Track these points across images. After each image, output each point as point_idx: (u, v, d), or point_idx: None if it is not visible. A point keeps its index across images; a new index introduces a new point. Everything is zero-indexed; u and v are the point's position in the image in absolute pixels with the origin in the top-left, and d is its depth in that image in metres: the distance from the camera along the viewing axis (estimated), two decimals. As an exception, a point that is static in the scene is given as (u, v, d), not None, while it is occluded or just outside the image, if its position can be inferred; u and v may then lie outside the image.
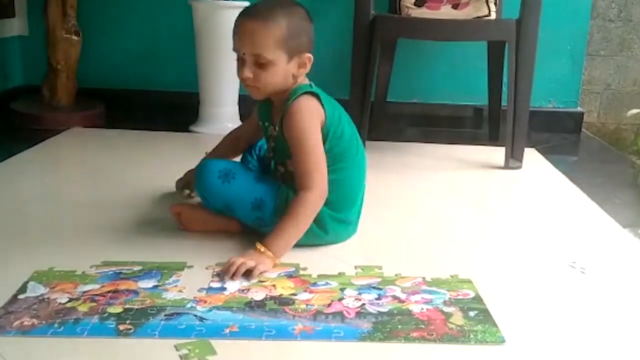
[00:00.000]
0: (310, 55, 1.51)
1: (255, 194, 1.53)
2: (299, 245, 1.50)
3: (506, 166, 2.34)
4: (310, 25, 1.52)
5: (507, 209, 1.98)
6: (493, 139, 2.72)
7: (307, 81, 1.56)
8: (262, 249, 1.42)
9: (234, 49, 1.50)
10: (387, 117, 2.87)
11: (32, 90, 2.87)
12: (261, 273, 1.39)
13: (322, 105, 1.52)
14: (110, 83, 2.99)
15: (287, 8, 1.48)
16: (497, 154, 2.43)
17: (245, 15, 1.48)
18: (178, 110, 2.87)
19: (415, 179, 2.20)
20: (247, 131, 1.76)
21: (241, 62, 1.48)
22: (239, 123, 2.70)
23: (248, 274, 1.39)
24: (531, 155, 2.50)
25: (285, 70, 1.48)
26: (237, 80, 1.72)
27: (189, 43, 2.68)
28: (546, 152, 2.60)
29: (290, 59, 1.48)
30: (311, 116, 1.50)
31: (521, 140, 2.35)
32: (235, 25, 1.49)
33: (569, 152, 2.74)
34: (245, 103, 2.70)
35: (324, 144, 1.51)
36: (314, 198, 1.48)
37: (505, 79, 2.52)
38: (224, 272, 1.39)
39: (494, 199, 2.12)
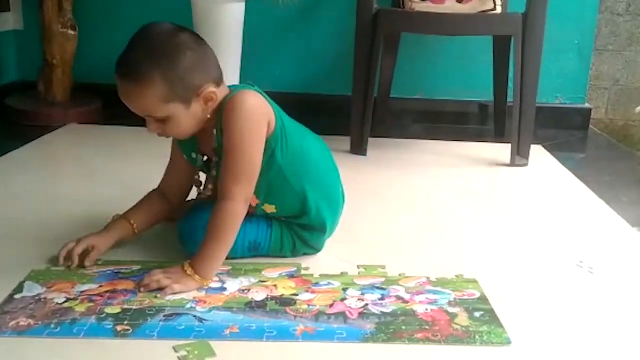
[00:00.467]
0: (212, 89, 1.32)
1: (247, 238, 1.43)
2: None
3: (512, 163, 2.34)
4: (197, 52, 1.30)
5: (513, 207, 1.98)
6: (499, 136, 2.72)
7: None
8: (189, 271, 1.32)
9: None
10: (390, 113, 2.87)
11: (27, 86, 2.86)
12: (175, 293, 1.30)
13: (268, 101, 1.37)
14: (107, 78, 2.85)
15: (156, 54, 1.27)
16: (502, 150, 2.42)
17: (117, 75, 1.30)
18: None
19: (419, 177, 2.20)
20: (176, 181, 1.50)
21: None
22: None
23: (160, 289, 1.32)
24: (537, 152, 2.49)
25: (191, 114, 1.32)
26: (238, 76, 1.68)
27: None
28: (553, 149, 2.59)
29: (188, 104, 1.30)
30: (254, 112, 1.32)
31: (527, 136, 2.34)
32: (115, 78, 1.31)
33: (576, 149, 2.74)
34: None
35: (275, 148, 1.36)
36: (236, 210, 1.33)
37: (511, 74, 2.53)
38: (137, 283, 1.34)
39: (499, 196, 2.12)
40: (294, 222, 1.46)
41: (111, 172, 2.11)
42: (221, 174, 1.34)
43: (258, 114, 1.34)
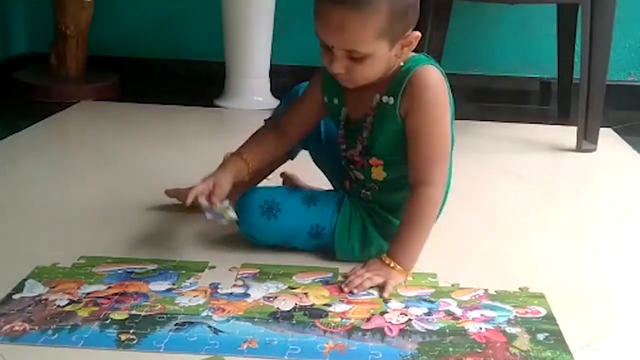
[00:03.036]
0: (417, 33, 1.34)
1: (309, 222, 1.45)
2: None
3: (578, 149, 2.32)
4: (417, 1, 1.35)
5: (584, 201, 1.94)
6: (563, 117, 2.70)
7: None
8: (391, 263, 1.37)
9: (317, 34, 1.33)
10: None
11: (38, 59, 2.90)
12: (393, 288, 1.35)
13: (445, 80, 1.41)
14: (125, 51, 3.04)
15: None
16: (567, 134, 2.40)
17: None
18: (202, 82, 2.89)
19: (473, 164, 2.16)
20: (301, 119, 1.52)
21: (330, 53, 1.33)
22: (270, 97, 2.66)
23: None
24: (607, 136, 2.46)
25: (387, 57, 1.34)
26: (269, 48, 1.65)
27: (215, 5, 2.67)
28: (625, 132, 2.57)
29: (393, 45, 1.32)
30: (445, 94, 1.38)
31: (596, 118, 2.32)
32: (318, 11, 1.31)
33: (651, 133, 2.73)
34: (277, 74, 2.66)
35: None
36: (437, 194, 1.39)
37: (577, 48, 2.49)
38: (345, 285, 1.35)
39: (567, 187, 2.09)
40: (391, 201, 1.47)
41: (129, 154, 2.12)
42: (412, 157, 1.38)
43: (446, 91, 1.39)
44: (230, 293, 1.32)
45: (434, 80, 1.36)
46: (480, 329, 1.24)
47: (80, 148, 2.31)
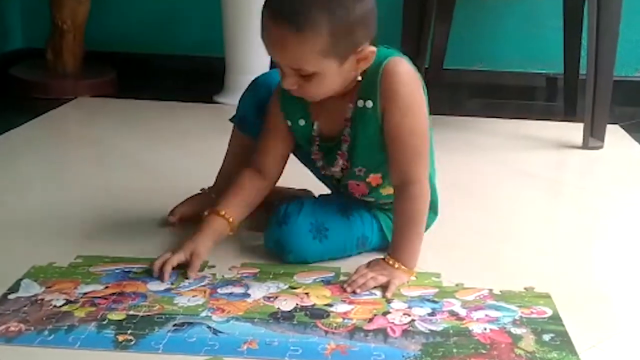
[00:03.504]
0: (372, 48, 1.31)
1: (355, 234, 1.47)
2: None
3: (585, 146, 2.31)
4: (366, 1, 1.29)
5: (590, 199, 1.93)
6: (569, 114, 2.69)
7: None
8: (395, 263, 1.37)
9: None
10: (444, 86, 2.84)
11: (34, 54, 2.89)
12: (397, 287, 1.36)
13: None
14: (123, 46, 3.03)
15: (334, 2, 1.24)
16: (574, 131, 2.40)
17: (273, 15, 1.26)
18: (200, 78, 2.89)
19: (478, 162, 2.17)
20: (275, 154, 1.48)
21: (280, 69, 1.32)
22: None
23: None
24: (614, 133, 2.47)
25: (340, 73, 1.31)
26: None
27: (214, 0, 2.66)
28: (632, 129, 2.56)
29: (343, 61, 1.29)
30: (420, 87, 1.37)
31: (603, 115, 2.32)
32: (262, 22, 1.29)
33: (660, 130, 2.72)
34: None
35: None
36: (423, 190, 1.39)
37: (584, 43, 2.49)
38: (348, 284, 1.35)
39: (573, 186, 2.08)
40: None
41: (127, 151, 2.11)
42: (395, 155, 1.37)
43: (420, 83, 1.38)
44: (230, 293, 1.32)
45: (407, 74, 1.34)
46: (485, 329, 1.24)
47: (78, 145, 2.31)
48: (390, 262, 1.38)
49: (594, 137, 2.30)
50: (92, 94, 2.67)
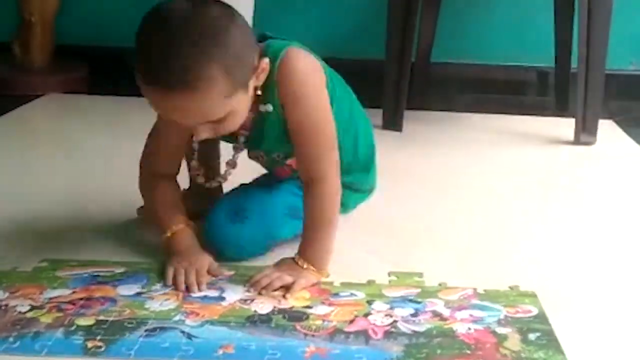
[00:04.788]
0: (265, 60, 1.29)
1: (281, 206, 1.47)
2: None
3: (577, 141, 2.32)
4: (235, 23, 1.24)
5: (580, 196, 1.94)
6: (561, 109, 2.70)
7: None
8: (304, 264, 1.37)
9: None
10: (431, 81, 2.85)
11: (0, 48, 2.86)
12: (303, 289, 1.35)
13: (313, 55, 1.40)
14: (95, 39, 3.00)
15: (201, 44, 1.17)
16: (565, 126, 2.40)
17: (159, 88, 1.19)
18: None
19: (466, 158, 2.17)
20: (174, 155, 1.49)
21: (184, 126, 1.31)
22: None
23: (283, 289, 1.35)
24: (607, 128, 2.47)
25: (248, 98, 1.29)
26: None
27: None
28: (626, 124, 2.56)
29: (246, 86, 1.27)
30: (315, 76, 1.36)
31: (595, 109, 2.32)
32: (144, 92, 1.22)
33: (653, 125, 2.74)
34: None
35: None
36: (332, 188, 1.38)
37: (576, 36, 2.46)
38: (251, 285, 1.35)
39: (563, 182, 2.09)
40: None
41: (100, 151, 2.11)
42: (300, 152, 1.39)
43: (320, 75, 1.38)
44: (204, 296, 1.32)
45: (301, 70, 1.33)
46: (469, 329, 1.24)
47: (47, 144, 2.30)
48: (299, 262, 1.37)
49: (586, 132, 2.31)
50: (62, 90, 2.66)
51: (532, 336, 1.23)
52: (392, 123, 2.36)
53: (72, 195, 1.76)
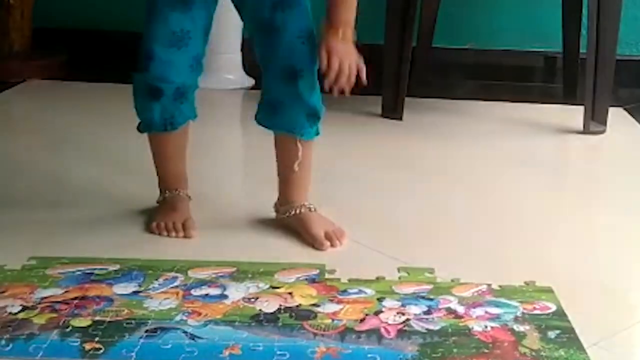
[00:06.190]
0: None
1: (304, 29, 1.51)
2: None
3: (586, 130, 2.33)
4: None
5: (592, 186, 1.97)
6: (569, 96, 2.71)
7: None
8: (345, 36, 1.44)
9: None
10: (433, 67, 2.85)
11: None
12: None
13: None
14: (76, 23, 3.00)
15: None
16: (574, 114, 2.41)
17: None
18: None
19: (470, 149, 2.19)
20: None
21: None
22: (243, 75, 2.67)
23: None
24: (617, 116, 2.48)
25: None
26: (240, 23, 1.66)
27: None
28: (636, 112, 2.58)
29: None
30: None
31: (605, 97, 2.34)
32: None
33: (665, 112, 2.75)
34: (251, 50, 2.66)
35: None
36: None
37: (585, 20, 2.50)
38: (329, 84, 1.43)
39: (572, 173, 2.12)
40: None
41: (83, 139, 2.13)
42: None
43: None
44: (206, 294, 1.32)
45: None
46: (486, 327, 1.25)
47: (27, 133, 2.31)
48: (339, 33, 1.43)
49: (595, 120, 2.32)
50: (42, 76, 2.67)
51: (551, 334, 1.24)
52: (392, 111, 2.37)
53: (57, 187, 1.77)
